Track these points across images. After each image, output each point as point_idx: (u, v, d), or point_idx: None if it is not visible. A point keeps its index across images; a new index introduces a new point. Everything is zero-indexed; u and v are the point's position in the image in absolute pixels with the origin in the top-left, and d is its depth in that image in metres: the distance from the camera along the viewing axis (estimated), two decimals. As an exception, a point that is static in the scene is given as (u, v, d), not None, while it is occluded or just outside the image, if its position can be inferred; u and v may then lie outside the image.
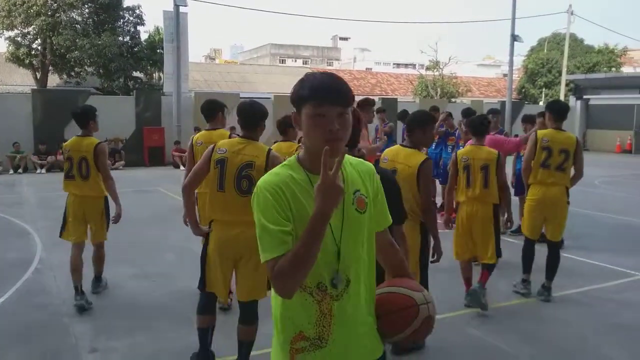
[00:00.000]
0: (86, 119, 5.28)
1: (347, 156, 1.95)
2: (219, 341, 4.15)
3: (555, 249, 5.57)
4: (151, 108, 17.87)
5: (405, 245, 3.21)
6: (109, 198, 5.37)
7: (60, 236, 5.30)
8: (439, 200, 8.58)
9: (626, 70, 43.78)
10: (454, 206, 5.46)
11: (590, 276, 6.33)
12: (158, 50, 27.72)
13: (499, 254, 5.15)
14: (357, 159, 2.03)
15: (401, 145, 4.43)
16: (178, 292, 5.59)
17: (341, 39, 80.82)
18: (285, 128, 5.50)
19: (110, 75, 26.12)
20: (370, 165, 2.03)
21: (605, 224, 9.39)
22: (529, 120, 8.07)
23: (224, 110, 5.36)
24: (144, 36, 29.42)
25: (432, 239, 4.24)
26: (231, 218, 3.63)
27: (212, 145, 3.85)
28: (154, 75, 30.51)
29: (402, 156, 4.22)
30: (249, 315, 3.78)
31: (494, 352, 4.37)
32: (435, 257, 4.26)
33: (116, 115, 17.24)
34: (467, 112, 8.17)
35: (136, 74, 28.49)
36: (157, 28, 30.57)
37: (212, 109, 5.21)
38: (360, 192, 1.91)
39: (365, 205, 1.91)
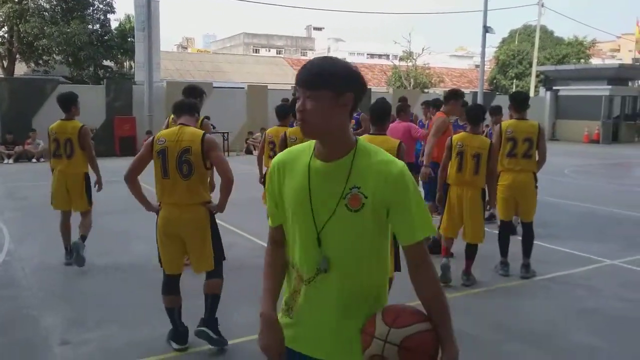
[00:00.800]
0: (69, 104, 6.01)
1: (374, 148, 1.87)
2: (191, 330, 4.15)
3: (529, 228, 5.91)
4: (122, 97, 17.58)
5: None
6: (89, 174, 6.28)
7: (51, 204, 6.20)
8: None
9: (595, 62, 44.63)
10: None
11: (558, 263, 6.47)
12: (129, 39, 27.27)
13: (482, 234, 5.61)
14: (389, 155, 1.86)
15: (370, 134, 4.50)
16: (150, 283, 5.52)
17: (315, 28, 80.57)
18: (284, 114, 5.90)
19: (80, 64, 25.63)
20: (398, 169, 1.81)
21: (573, 212, 9.59)
22: (496, 111, 8.23)
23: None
24: (114, 24, 28.99)
25: None
26: (176, 200, 3.99)
27: (152, 137, 4.21)
28: (125, 64, 30.05)
29: (377, 143, 4.27)
30: (213, 274, 4.20)
31: (463, 338, 4.43)
32: None
33: (86, 105, 16.70)
34: (435, 103, 8.55)
35: (107, 62, 28.01)
36: (128, 16, 30.03)
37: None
38: (358, 190, 1.79)
39: (361, 205, 1.79)
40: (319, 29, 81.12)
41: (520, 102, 5.90)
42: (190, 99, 4.72)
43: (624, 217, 9.16)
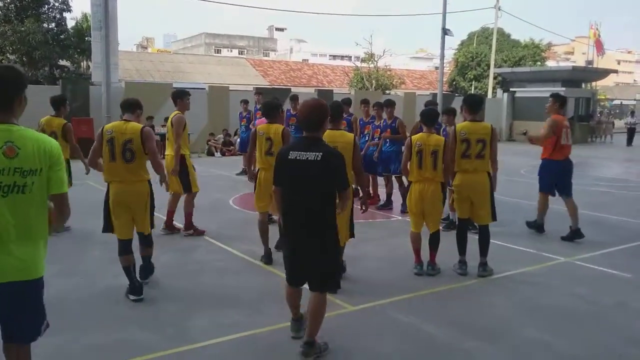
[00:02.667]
0: (59, 104, 7.71)
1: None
2: (151, 334, 4.09)
3: (485, 230, 6.15)
4: (79, 98, 17.13)
5: (348, 203, 4.57)
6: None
7: None
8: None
9: (550, 64, 45.84)
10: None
11: (515, 261, 6.62)
12: (87, 38, 26.63)
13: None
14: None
15: (329, 129, 5.00)
16: (105, 289, 5.44)
17: (277, 29, 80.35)
18: (273, 112, 6.29)
19: (35, 63, 24.91)
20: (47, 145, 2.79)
21: (530, 211, 9.79)
22: (449, 112, 8.47)
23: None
24: (71, 23, 28.25)
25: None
26: (121, 179, 5.14)
27: (101, 128, 5.28)
28: (83, 64, 29.35)
29: (337, 137, 5.19)
30: (146, 241, 5.46)
31: (421, 336, 4.51)
32: (364, 208, 5.20)
33: (42, 106, 16.38)
34: (388, 102, 9.39)
35: (63, 62, 27.30)
36: (85, 15, 29.31)
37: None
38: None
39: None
40: (281, 29, 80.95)
41: (473, 104, 6.12)
42: (132, 99, 5.54)
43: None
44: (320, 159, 3.83)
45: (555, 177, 8.04)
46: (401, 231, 7.77)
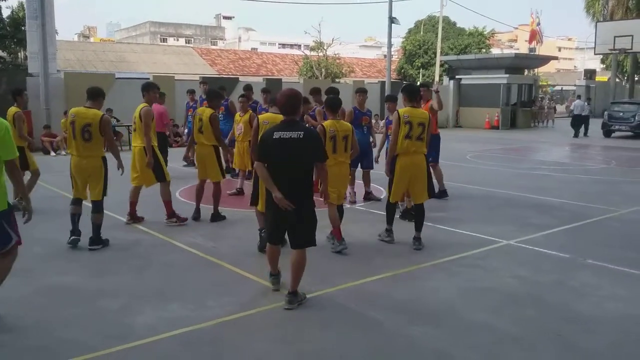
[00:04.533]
0: (16, 94, 8.24)
1: None
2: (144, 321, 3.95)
3: (421, 207, 6.71)
4: (16, 90, 16.44)
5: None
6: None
7: None
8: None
9: (494, 51, 46.93)
10: None
11: (458, 245, 6.75)
12: (23, 28, 25.58)
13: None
14: None
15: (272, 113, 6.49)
16: (45, 288, 5.24)
17: (225, 17, 79.23)
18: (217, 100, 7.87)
19: (-33, 54, 23.77)
20: None
21: (473, 196, 10.06)
22: (390, 99, 8.76)
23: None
24: (6, 12, 27.00)
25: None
26: (80, 154, 6.32)
27: (67, 113, 6.36)
28: (20, 54, 28.14)
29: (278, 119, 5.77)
30: (97, 207, 6.46)
31: (368, 322, 4.54)
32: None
33: (-26, 97, 15.73)
34: (330, 91, 9.00)
35: (-1, 53, 26.17)
36: (21, 3, 28.11)
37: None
38: None
39: None
40: (229, 18, 79.88)
41: (410, 93, 6.78)
42: (97, 88, 6.53)
43: (520, 199, 9.72)
44: (302, 137, 4.60)
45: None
46: (350, 219, 7.81)
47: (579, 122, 23.74)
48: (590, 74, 40.35)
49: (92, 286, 5.31)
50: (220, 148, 7.87)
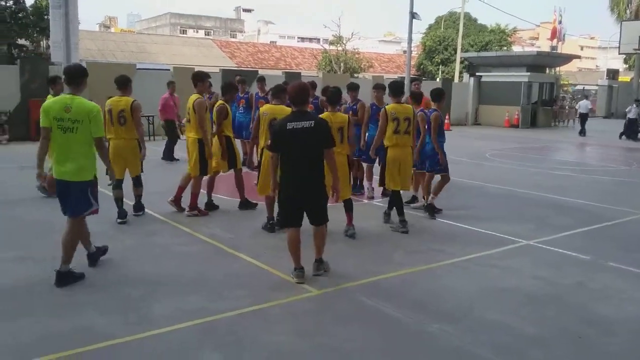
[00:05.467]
0: (52, 82, 8.68)
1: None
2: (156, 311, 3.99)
3: (399, 195, 7.12)
4: (38, 78, 16.53)
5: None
6: None
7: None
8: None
9: (516, 49, 46.43)
10: None
11: (478, 243, 6.70)
12: (45, 17, 25.85)
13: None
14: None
15: (273, 104, 6.89)
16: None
17: (244, 10, 79.28)
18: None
19: (-9, 42, 24.08)
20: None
21: (493, 194, 9.97)
22: (380, 87, 8.95)
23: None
24: (29, 1, 27.31)
25: None
26: (118, 137, 7.05)
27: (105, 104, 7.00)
28: (42, 43, 28.44)
29: (277, 110, 6.63)
30: (137, 182, 7.41)
31: (385, 320, 4.52)
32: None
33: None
34: (352, 86, 9.14)
35: (21, 41, 26.41)
36: (45, -8, 28.45)
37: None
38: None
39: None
40: (249, 10, 79.95)
41: (395, 89, 7.15)
42: (124, 76, 7.21)
43: (540, 199, 9.61)
44: (313, 126, 5.04)
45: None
46: (365, 215, 7.79)
47: (584, 120, 24.26)
48: (613, 73, 39.78)
49: (111, 273, 5.36)
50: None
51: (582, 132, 24.02)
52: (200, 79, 7.49)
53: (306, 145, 5.04)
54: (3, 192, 8.96)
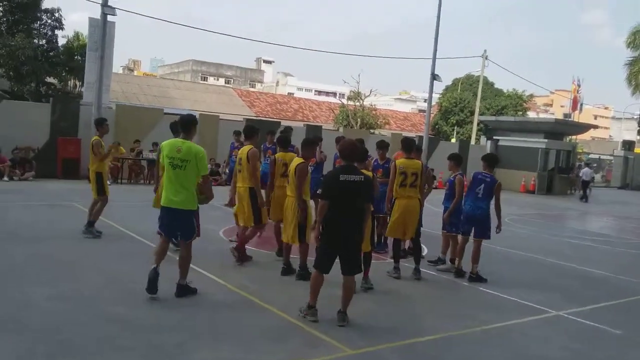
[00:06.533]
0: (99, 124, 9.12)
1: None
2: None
3: (417, 241, 7.89)
4: (68, 117, 16.91)
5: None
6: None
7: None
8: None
9: (530, 114, 46.95)
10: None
11: (506, 311, 6.68)
12: (76, 57, 26.60)
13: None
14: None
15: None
16: (102, 315, 5.32)
17: (265, 61, 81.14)
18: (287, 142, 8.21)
19: (22, 78, 24.67)
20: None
21: (517, 261, 9.94)
22: (383, 146, 9.25)
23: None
24: (61, 41, 28.15)
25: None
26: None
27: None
28: (70, 82, 29.16)
29: (289, 158, 7.61)
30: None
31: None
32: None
33: (29, 123, 16.24)
34: (381, 144, 9.31)
35: (49, 79, 27.11)
36: (77, 34, 29.36)
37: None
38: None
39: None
40: (269, 62, 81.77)
41: (407, 145, 7.77)
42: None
43: (564, 269, 9.57)
44: (363, 180, 5.54)
45: None
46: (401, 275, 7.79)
47: (586, 187, 25.91)
48: (628, 145, 39.99)
49: (148, 319, 5.37)
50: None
51: (585, 199, 25.29)
52: (255, 132, 8.07)
53: (356, 196, 5.47)
54: (35, 229, 9.03)
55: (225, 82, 66.07)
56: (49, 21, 26.34)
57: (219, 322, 5.48)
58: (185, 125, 5.97)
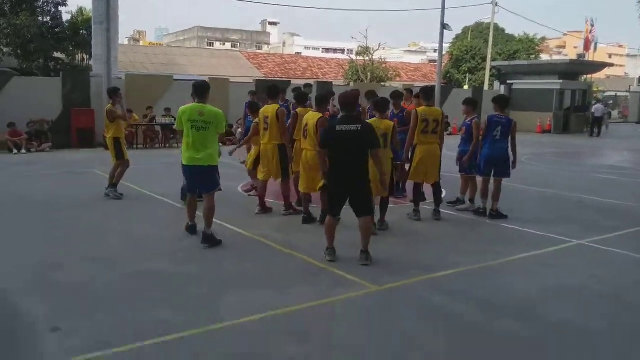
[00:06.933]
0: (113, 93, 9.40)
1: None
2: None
3: (438, 185, 7.97)
4: (79, 90, 17.08)
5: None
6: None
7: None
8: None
9: (543, 57, 46.01)
10: None
11: (527, 244, 6.70)
12: (81, 32, 26.72)
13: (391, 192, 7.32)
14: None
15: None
16: (130, 272, 5.46)
17: (270, 23, 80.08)
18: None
19: (29, 55, 24.73)
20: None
21: (537, 197, 9.94)
22: (397, 96, 9.07)
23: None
24: (66, 17, 28.10)
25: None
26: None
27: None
28: (77, 56, 29.17)
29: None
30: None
31: (450, 315, 4.56)
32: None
33: (42, 97, 16.44)
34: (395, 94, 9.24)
35: (57, 54, 27.14)
36: (81, 9, 29.31)
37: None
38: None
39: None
40: (275, 23, 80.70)
41: (427, 93, 7.97)
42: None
43: (583, 201, 9.56)
44: (359, 128, 5.59)
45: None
46: (423, 218, 7.85)
47: (597, 123, 26.18)
48: (644, 80, 39.15)
49: (175, 272, 5.50)
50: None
51: (597, 134, 25.83)
52: (279, 91, 8.21)
53: (352, 146, 5.57)
54: (59, 195, 9.20)
55: (232, 47, 65.46)
56: (52, -2, 26.17)
57: (246, 269, 5.60)
58: (200, 91, 6.36)
